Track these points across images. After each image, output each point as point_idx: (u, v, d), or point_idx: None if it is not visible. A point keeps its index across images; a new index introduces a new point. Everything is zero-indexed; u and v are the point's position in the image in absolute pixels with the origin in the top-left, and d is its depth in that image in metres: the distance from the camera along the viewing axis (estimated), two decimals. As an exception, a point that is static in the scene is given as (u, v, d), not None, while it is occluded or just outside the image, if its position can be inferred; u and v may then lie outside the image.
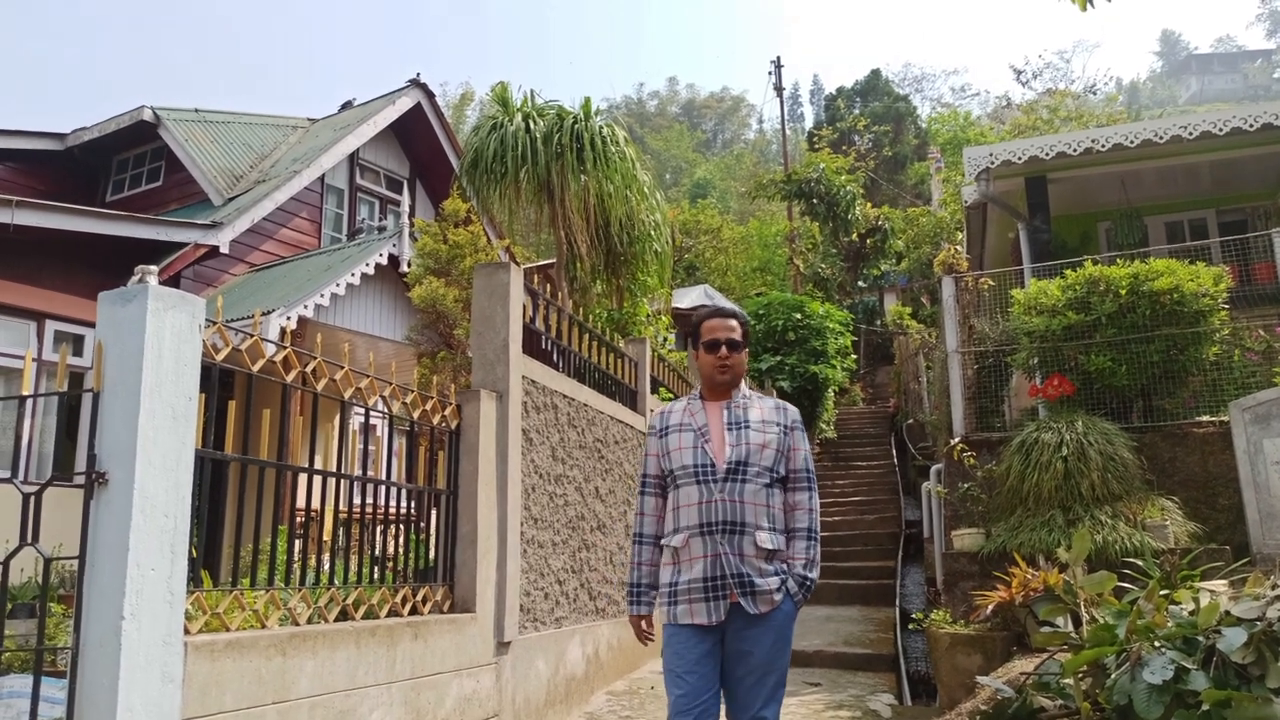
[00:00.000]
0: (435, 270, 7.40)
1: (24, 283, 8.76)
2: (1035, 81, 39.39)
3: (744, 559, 2.99)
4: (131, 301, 3.05)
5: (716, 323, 3.29)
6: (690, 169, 52.85)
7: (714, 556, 2.99)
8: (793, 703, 6.26)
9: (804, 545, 3.08)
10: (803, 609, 3.19)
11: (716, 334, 3.24)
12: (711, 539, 3.01)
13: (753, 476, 3.05)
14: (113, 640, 2.85)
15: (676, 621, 3.03)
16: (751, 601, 2.96)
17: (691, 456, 3.12)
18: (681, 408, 3.27)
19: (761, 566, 2.99)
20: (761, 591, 2.97)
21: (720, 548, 2.99)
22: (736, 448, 3.09)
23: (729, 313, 3.32)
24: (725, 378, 3.21)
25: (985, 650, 5.70)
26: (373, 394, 4.45)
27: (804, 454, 3.22)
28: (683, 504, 3.09)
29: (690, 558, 3.04)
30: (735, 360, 3.22)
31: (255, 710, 3.35)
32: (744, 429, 3.13)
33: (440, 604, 4.86)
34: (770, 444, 3.12)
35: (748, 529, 3.00)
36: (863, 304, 24.92)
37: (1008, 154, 9.62)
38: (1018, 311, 7.68)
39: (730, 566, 2.97)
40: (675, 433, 3.21)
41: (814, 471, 3.24)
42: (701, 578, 3.00)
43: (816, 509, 3.18)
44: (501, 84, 9.47)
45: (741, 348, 3.25)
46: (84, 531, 2.96)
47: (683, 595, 3.03)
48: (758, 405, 3.23)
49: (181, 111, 13.02)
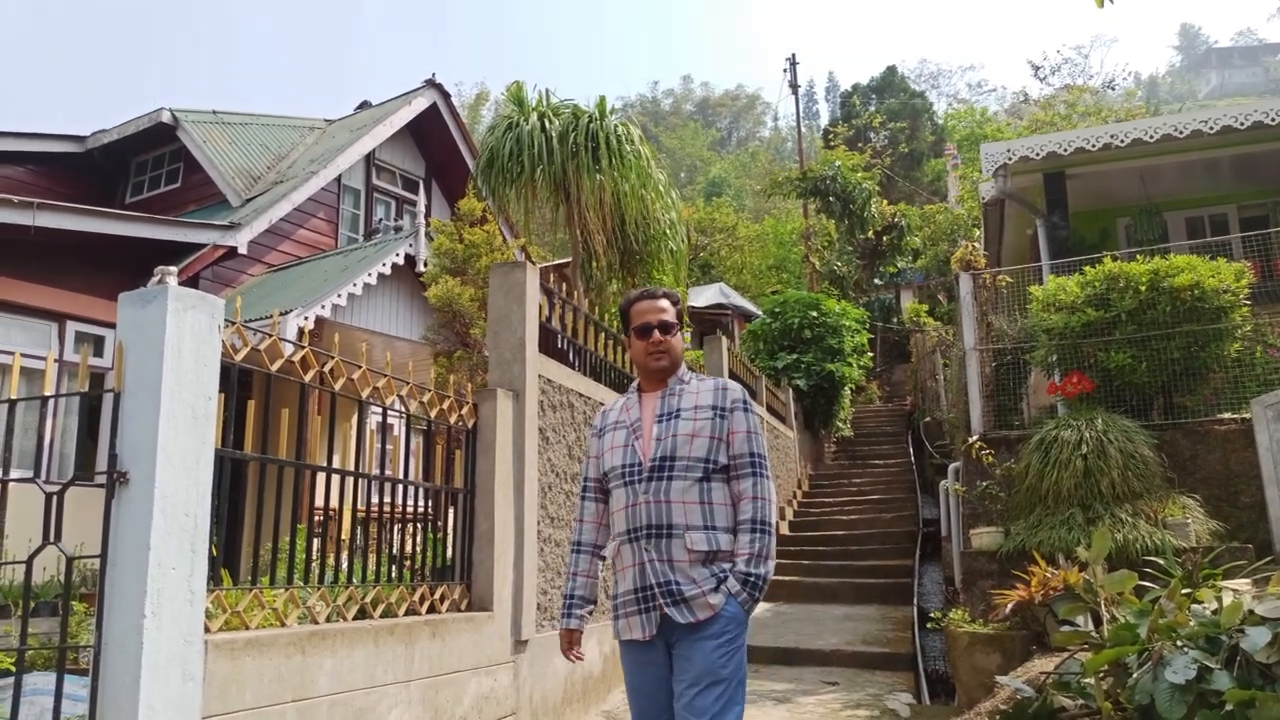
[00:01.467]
0: (451, 270, 7.42)
1: (45, 284, 8.84)
2: (1053, 77, 39.13)
3: (674, 565, 2.72)
4: (151, 302, 3.07)
5: (645, 305, 3.00)
6: (705, 167, 52.77)
7: (640, 565, 2.76)
8: (810, 702, 6.25)
9: (748, 539, 2.75)
10: (819, 607, 3.07)
11: (647, 317, 2.96)
12: (637, 546, 2.77)
13: (680, 472, 2.77)
14: (134, 638, 2.88)
15: (620, 637, 2.87)
16: (682, 610, 2.69)
17: (620, 456, 2.88)
18: (621, 404, 3.03)
19: (695, 573, 2.71)
20: (691, 598, 2.69)
21: (644, 554, 2.75)
22: (662, 441, 2.82)
23: (658, 293, 3.04)
24: (661, 364, 2.93)
25: (1004, 649, 5.66)
26: (390, 393, 4.47)
27: (746, 435, 2.85)
28: (614, 509, 2.88)
29: (622, 567, 2.84)
30: (670, 344, 2.93)
31: (275, 708, 3.37)
32: (674, 419, 2.84)
33: (458, 602, 4.88)
34: (702, 431, 2.80)
35: (675, 531, 2.73)
36: (879, 302, 24.83)
37: (1026, 150, 9.55)
38: (1036, 308, 7.62)
39: (656, 574, 2.72)
40: (611, 431, 2.97)
41: (763, 454, 2.86)
42: (632, 589, 2.78)
43: (766, 497, 2.80)
44: (517, 83, 9.49)
45: (675, 329, 2.96)
46: (105, 530, 2.98)
47: (621, 609, 2.84)
48: (695, 390, 2.92)
49: (199, 113, 13.11)
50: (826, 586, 9.78)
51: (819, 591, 9.73)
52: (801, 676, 7.07)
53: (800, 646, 7.69)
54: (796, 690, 6.60)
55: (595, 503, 3.02)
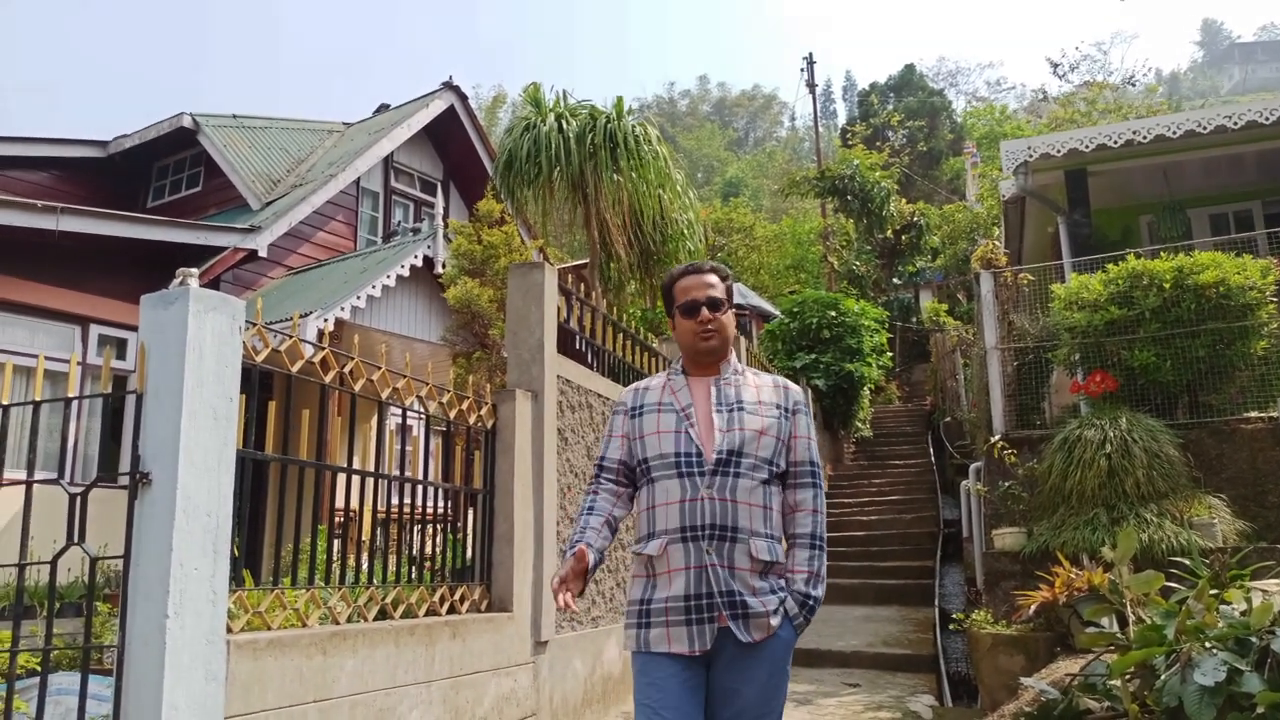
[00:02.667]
0: (470, 271, 7.44)
1: (68, 288, 8.92)
2: (1072, 74, 38.81)
3: (735, 573, 2.42)
4: (173, 304, 3.09)
5: (692, 280, 2.69)
6: (722, 168, 52.70)
7: (699, 569, 2.42)
8: (831, 703, 6.21)
9: (807, 555, 2.52)
10: (840, 608, 2.99)
11: (693, 294, 2.65)
12: (697, 547, 2.43)
13: (748, 470, 2.49)
14: (157, 638, 2.89)
15: (649, 648, 2.45)
16: (744, 627, 2.40)
17: (674, 443, 2.54)
18: (660, 384, 2.70)
19: (756, 583, 2.43)
20: (756, 615, 2.41)
21: (708, 558, 2.42)
22: (728, 433, 2.52)
23: (705, 267, 2.73)
24: (711, 344, 2.63)
25: (1028, 651, 5.61)
26: (410, 394, 4.48)
27: (808, 442, 2.64)
28: (659, 502, 2.52)
29: (669, 569, 2.46)
30: (720, 323, 2.64)
31: (297, 709, 3.38)
32: (738, 411, 2.56)
33: (478, 603, 4.88)
34: (769, 430, 2.55)
35: (741, 535, 2.44)
36: (898, 301, 24.70)
37: (1046, 147, 9.46)
38: (1058, 307, 7.55)
39: (720, 582, 2.41)
40: (653, 413, 2.63)
41: (820, 465, 2.66)
42: (683, 595, 2.42)
43: (822, 511, 2.60)
44: (534, 85, 9.50)
45: (726, 306, 2.67)
46: (128, 531, 3.00)
47: (658, 616, 2.45)
48: (753, 382, 2.65)
49: (220, 117, 13.21)
50: (847, 587, 9.73)
51: (840, 592, 9.67)
52: (823, 678, 7.03)
53: (821, 648, 7.65)
54: (818, 692, 6.56)
55: (615, 484, 2.68)
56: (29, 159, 12.22)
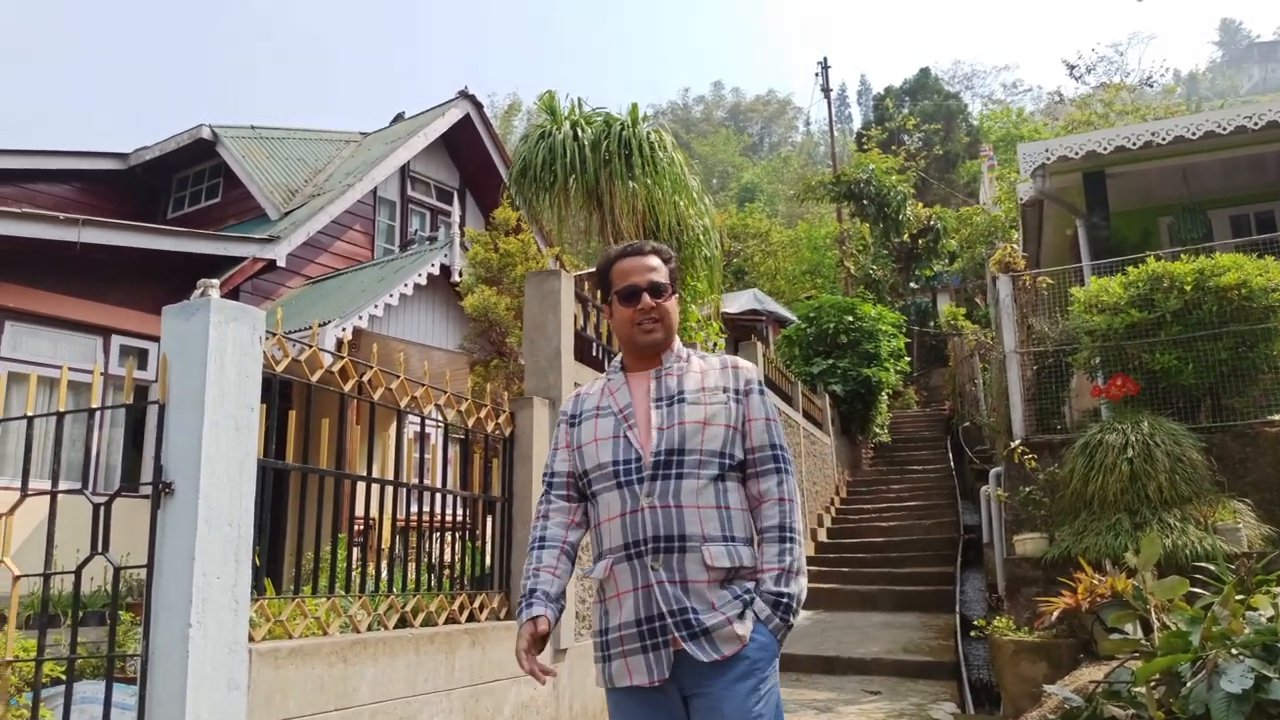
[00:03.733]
0: (487, 279, 7.46)
1: (90, 299, 9.01)
2: (1089, 76, 38.54)
3: (688, 587, 2.13)
4: (194, 315, 3.11)
5: (631, 263, 2.37)
6: (737, 173, 52.72)
7: (646, 589, 2.14)
8: (852, 711, 6.18)
9: (776, 551, 2.20)
10: (859, 615, 2.78)
11: (633, 278, 2.34)
12: (642, 564, 2.15)
13: (692, 468, 2.18)
14: (180, 647, 2.91)
15: (613, 684, 2.20)
16: (703, 645, 2.10)
17: (610, 450, 2.25)
18: (600, 386, 2.42)
19: (714, 595, 2.13)
20: (714, 628, 2.11)
21: (653, 575, 2.14)
22: (667, 430, 2.22)
23: (646, 248, 2.42)
24: (653, 337, 2.32)
25: (1051, 658, 5.57)
26: (428, 402, 4.49)
27: (765, 424, 2.29)
28: (603, 518, 2.25)
29: (618, 592, 2.19)
30: (663, 310, 2.33)
31: (318, 717, 3.39)
32: (677, 404, 2.25)
33: (496, 611, 4.88)
34: (715, 418, 2.23)
35: (691, 544, 2.14)
36: (915, 305, 24.61)
37: (1064, 149, 9.41)
38: (1078, 310, 7.50)
39: (667, 600, 2.12)
40: (590, 419, 2.34)
41: (785, 447, 2.31)
42: (634, 620, 2.15)
43: (792, 498, 2.25)
44: (549, 93, 9.53)
45: (669, 292, 2.37)
46: (151, 540, 3.02)
47: (615, 647, 2.19)
48: (698, 367, 2.34)
49: (238, 129, 13.32)
50: (866, 594, 9.68)
51: (859, 599, 9.63)
52: (843, 685, 6.99)
53: (841, 655, 7.62)
54: (838, 699, 6.53)
55: (565, 501, 2.37)
56: (51, 172, 12.36)
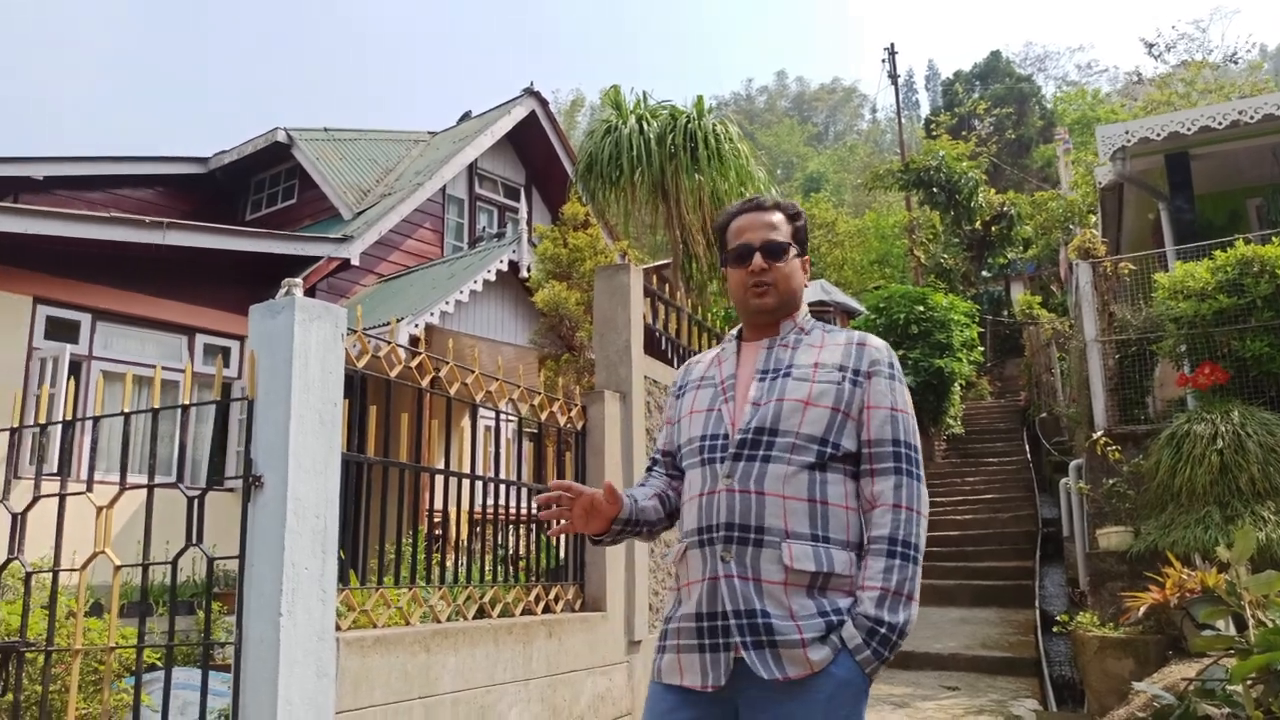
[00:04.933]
0: (557, 274, 7.52)
1: (175, 299, 9.34)
2: (1169, 54, 37.16)
3: (761, 587, 1.82)
4: (280, 314, 3.20)
5: (747, 219, 2.09)
6: (802, 163, 52.19)
7: (712, 580, 1.87)
8: (929, 707, 6.09)
9: (881, 567, 1.84)
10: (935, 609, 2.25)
11: (746, 236, 2.07)
12: (710, 552, 1.88)
13: (783, 451, 1.88)
14: (271, 636, 3.00)
15: (659, 678, 1.94)
16: (766, 659, 1.78)
17: (702, 424, 2.01)
18: (712, 355, 2.17)
19: (795, 601, 1.81)
20: (784, 642, 1.78)
21: (721, 566, 1.86)
22: (762, 406, 1.94)
23: (766, 203, 2.12)
24: (765, 300, 2.04)
25: (1137, 654, 5.41)
26: (502, 396, 4.55)
27: (890, 415, 1.95)
28: (686, 497, 2.02)
29: (688, 580, 1.94)
30: (779, 274, 2.04)
31: (403, 705, 3.47)
32: (781, 378, 1.97)
33: (571, 602, 4.93)
34: (821, 399, 1.92)
35: (770, 538, 1.84)
36: (988, 294, 24.05)
37: (1145, 130, 9.10)
38: (1162, 296, 7.26)
39: (734, 598, 1.83)
40: (693, 390, 2.11)
41: (913, 445, 1.95)
42: (694, 614, 1.89)
43: (915, 507, 1.89)
44: (614, 88, 9.56)
45: (788, 252, 2.06)
46: (243, 532, 3.12)
47: (671, 638, 1.93)
48: (819, 342, 2.04)
49: (312, 131, 13.64)
50: (942, 588, 9.52)
51: (934, 593, 9.46)
52: (919, 680, 6.90)
53: (917, 650, 7.51)
54: (915, 694, 6.44)
55: (668, 475, 2.16)
56: (136, 177, 12.82)
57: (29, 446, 7.38)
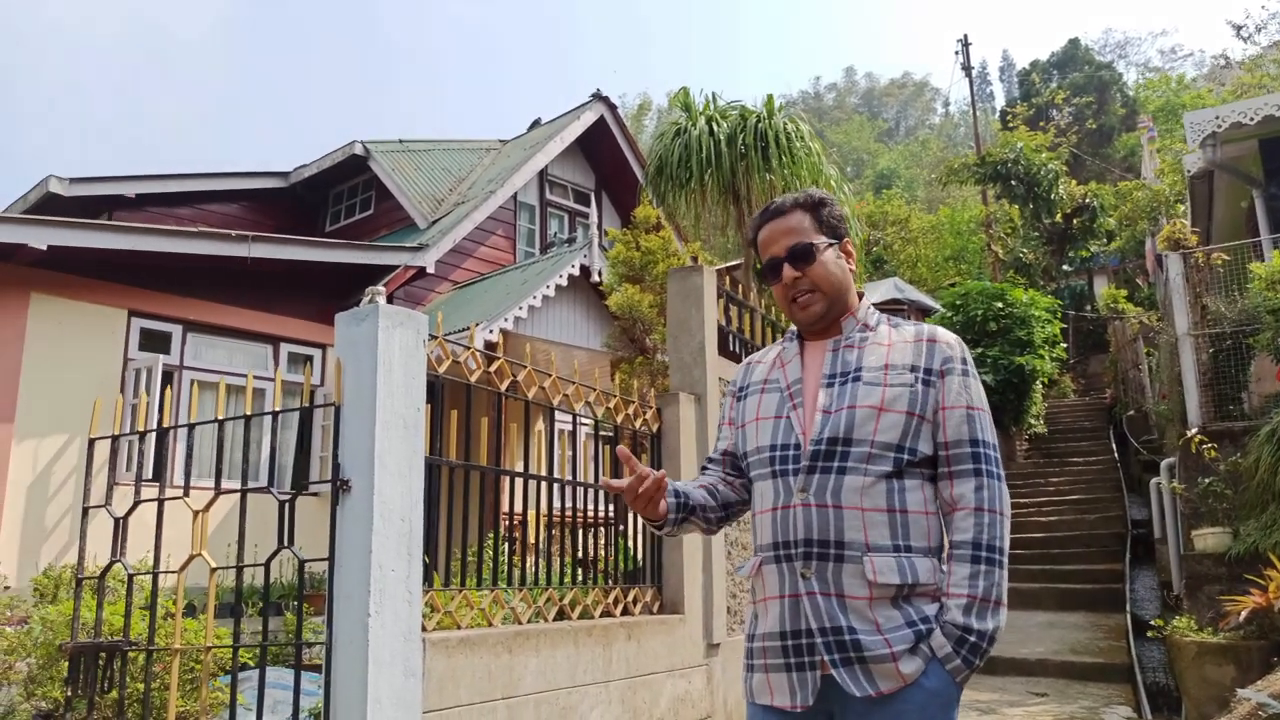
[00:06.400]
0: (629, 277, 7.55)
1: (259, 309, 9.63)
2: (1259, 35, 35.64)
3: (845, 603, 1.78)
4: (364, 321, 3.27)
5: (769, 232, 2.02)
6: (873, 159, 51.44)
7: (794, 598, 1.83)
8: (1017, 713, 5.94)
9: (967, 573, 1.79)
10: (1020, 614, 2.15)
11: (770, 250, 2.01)
12: (790, 569, 1.84)
13: (858, 462, 1.82)
14: (360, 636, 3.07)
15: (753, 699, 1.92)
16: (856, 675, 1.76)
17: (770, 433, 1.94)
18: (774, 355, 2.08)
19: (881, 614, 1.78)
20: (874, 658, 1.75)
21: (803, 584, 1.82)
22: (834, 415, 1.86)
23: (785, 205, 2.03)
24: (810, 311, 1.97)
25: (1239, 660, 5.19)
26: (578, 400, 4.58)
27: (966, 414, 1.89)
28: (758, 510, 1.96)
29: (765, 597, 1.90)
30: (814, 275, 1.96)
31: (487, 705, 3.51)
32: (850, 383, 1.89)
33: (649, 605, 4.93)
34: (895, 404, 1.85)
35: (850, 552, 1.79)
36: (1069, 289, 23.36)
37: (1237, 115, 8.74)
38: (1258, 287, 6.97)
39: (819, 616, 1.79)
40: (756, 394, 2.03)
41: (991, 444, 1.89)
42: (778, 632, 1.85)
43: (996, 508, 1.84)
44: (684, 90, 9.57)
45: (817, 250, 1.96)
46: (332, 534, 3.20)
47: (758, 657, 1.90)
48: (886, 339, 1.95)
49: (387, 143, 13.95)
50: (1027, 592, 9.27)
51: (1018, 597, 9.22)
52: (1006, 686, 6.73)
53: (1003, 655, 7.32)
54: (1002, 700, 6.29)
55: (721, 469, 2.12)
56: (220, 192, 13.28)
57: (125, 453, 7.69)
